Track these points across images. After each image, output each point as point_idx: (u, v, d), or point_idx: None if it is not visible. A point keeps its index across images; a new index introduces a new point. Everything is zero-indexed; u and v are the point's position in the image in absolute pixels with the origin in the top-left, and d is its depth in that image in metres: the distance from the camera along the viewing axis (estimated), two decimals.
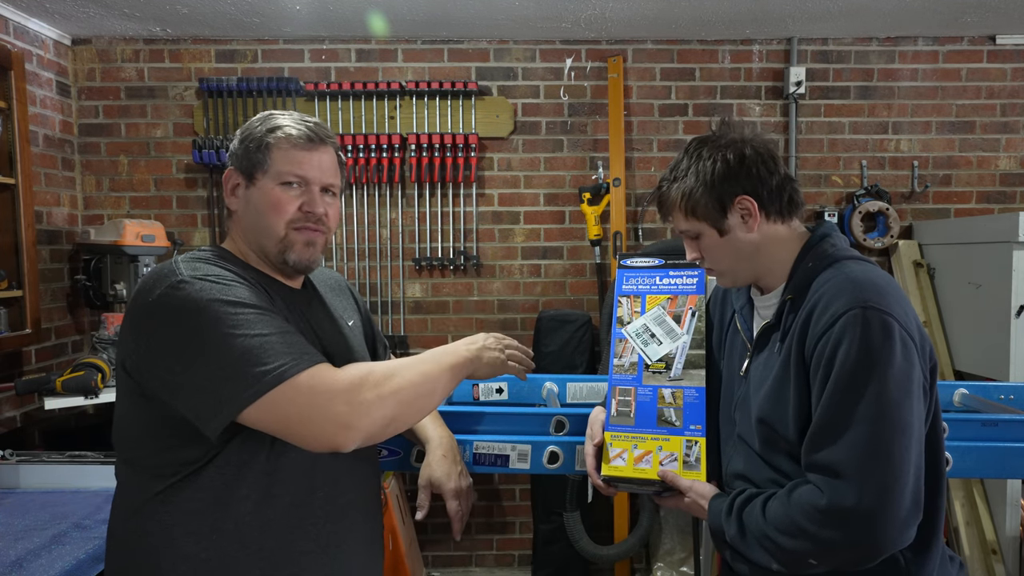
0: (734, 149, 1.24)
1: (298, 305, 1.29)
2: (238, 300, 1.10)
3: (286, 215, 1.23)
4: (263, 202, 1.23)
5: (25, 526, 1.93)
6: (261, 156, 1.23)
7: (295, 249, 1.25)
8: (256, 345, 1.06)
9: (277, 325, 1.11)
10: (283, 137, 1.23)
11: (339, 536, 1.25)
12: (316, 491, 1.21)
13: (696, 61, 3.39)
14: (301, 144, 1.23)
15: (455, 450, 1.47)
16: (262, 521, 1.16)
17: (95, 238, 2.93)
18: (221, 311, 1.07)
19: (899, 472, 1.06)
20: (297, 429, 1.07)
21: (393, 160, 3.31)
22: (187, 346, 1.07)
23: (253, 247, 1.27)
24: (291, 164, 1.23)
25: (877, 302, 1.10)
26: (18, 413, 2.87)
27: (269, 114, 1.29)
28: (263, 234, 1.24)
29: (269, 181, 1.23)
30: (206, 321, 1.07)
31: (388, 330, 3.40)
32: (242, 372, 1.05)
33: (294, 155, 1.23)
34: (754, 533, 1.17)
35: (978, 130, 3.42)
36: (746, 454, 1.29)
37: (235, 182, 1.27)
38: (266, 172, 1.23)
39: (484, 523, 3.50)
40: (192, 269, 1.13)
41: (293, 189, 1.23)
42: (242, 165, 1.25)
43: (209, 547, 1.14)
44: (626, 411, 1.39)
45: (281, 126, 1.24)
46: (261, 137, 1.23)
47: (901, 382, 1.08)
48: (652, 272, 1.52)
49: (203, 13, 2.98)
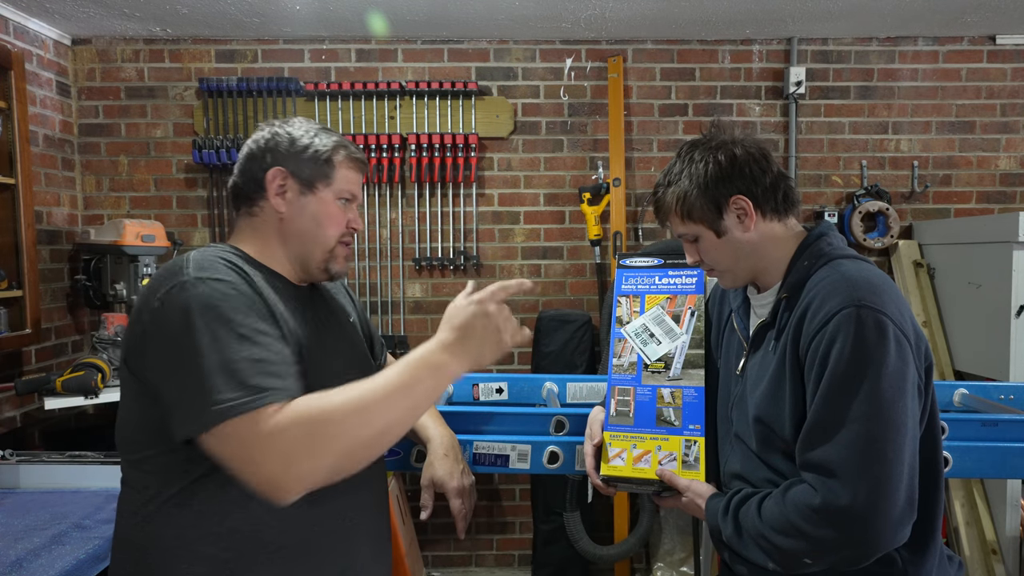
0: (725, 150, 1.24)
1: (301, 302, 1.30)
2: (226, 314, 1.08)
3: (339, 228, 1.30)
4: (323, 213, 1.28)
5: (25, 526, 1.93)
6: (328, 170, 1.29)
7: (338, 261, 1.32)
8: (222, 368, 1.03)
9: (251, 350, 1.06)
10: (347, 158, 1.32)
11: (354, 532, 1.26)
12: (332, 488, 1.21)
13: (696, 61, 3.39)
14: (357, 166, 1.34)
15: (456, 449, 1.47)
16: (280, 519, 1.16)
17: (95, 238, 2.93)
18: (205, 324, 1.06)
19: (892, 471, 1.06)
20: (233, 472, 1.03)
21: (393, 160, 3.31)
22: (171, 352, 1.07)
23: (292, 251, 1.29)
24: (349, 183, 1.32)
25: (871, 301, 1.10)
26: (18, 413, 2.87)
27: (321, 127, 1.34)
28: (314, 242, 1.29)
29: (330, 194, 1.29)
30: (194, 330, 1.06)
31: (388, 330, 3.40)
32: (201, 397, 1.02)
33: (352, 175, 1.33)
34: (750, 533, 1.17)
35: (978, 130, 3.42)
36: (743, 453, 1.29)
37: (287, 186, 1.28)
38: (329, 185, 1.29)
39: (484, 523, 3.50)
40: (199, 269, 1.12)
41: (345, 206, 1.32)
42: (303, 172, 1.28)
43: (228, 547, 1.14)
44: (625, 411, 1.39)
45: (346, 145, 1.33)
46: (328, 151, 1.30)
47: (895, 381, 1.08)
48: (651, 272, 1.52)
49: (203, 13, 2.98)
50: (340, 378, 1.26)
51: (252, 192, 1.29)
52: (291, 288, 1.29)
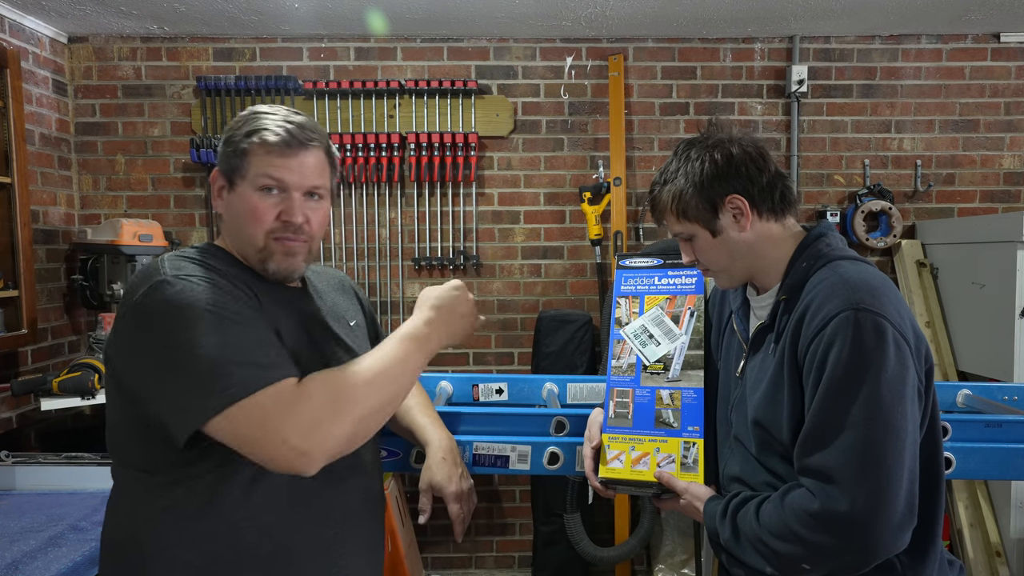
0: (721, 149, 1.23)
1: (289, 304, 1.26)
2: (212, 306, 1.06)
3: (264, 224, 1.18)
4: (242, 209, 1.19)
5: (21, 528, 1.92)
6: (239, 161, 1.18)
7: (274, 259, 1.20)
8: (223, 356, 1.03)
9: (247, 334, 1.07)
10: (258, 143, 1.17)
11: (340, 539, 1.23)
12: (316, 494, 1.19)
13: (697, 59, 3.37)
14: (278, 149, 1.17)
15: (455, 452, 1.45)
16: (258, 525, 1.14)
17: (92, 238, 2.92)
18: (193, 317, 1.05)
19: (892, 477, 1.04)
20: (253, 450, 1.03)
21: (392, 159, 3.30)
22: (158, 351, 1.05)
23: (239, 251, 1.25)
24: (268, 168, 1.17)
25: (870, 304, 1.08)
26: (14, 414, 2.85)
27: (252, 113, 1.22)
28: (244, 241, 1.21)
29: (247, 187, 1.18)
30: (178, 327, 1.04)
31: (388, 330, 3.37)
32: (205, 384, 1.02)
33: (272, 160, 1.17)
34: (748, 536, 1.16)
35: (982, 129, 3.40)
36: (742, 456, 1.28)
37: (220, 184, 1.23)
38: (244, 177, 1.18)
39: (484, 524, 3.48)
40: (176, 268, 1.11)
41: (271, 196, 1.18)
42: (224, 168, 1.22)
43: (203, 552, 1.12)
44: (624, 412, 1.38)
45: (259, 129, 1.18)
46: (239, 140, 1.18)
47: (894, 385, 1.06)
48: (651, 272, 1.51)
49: (201, 11, 2.97)
50: None
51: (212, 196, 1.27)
52: (274, 289, 1.24)
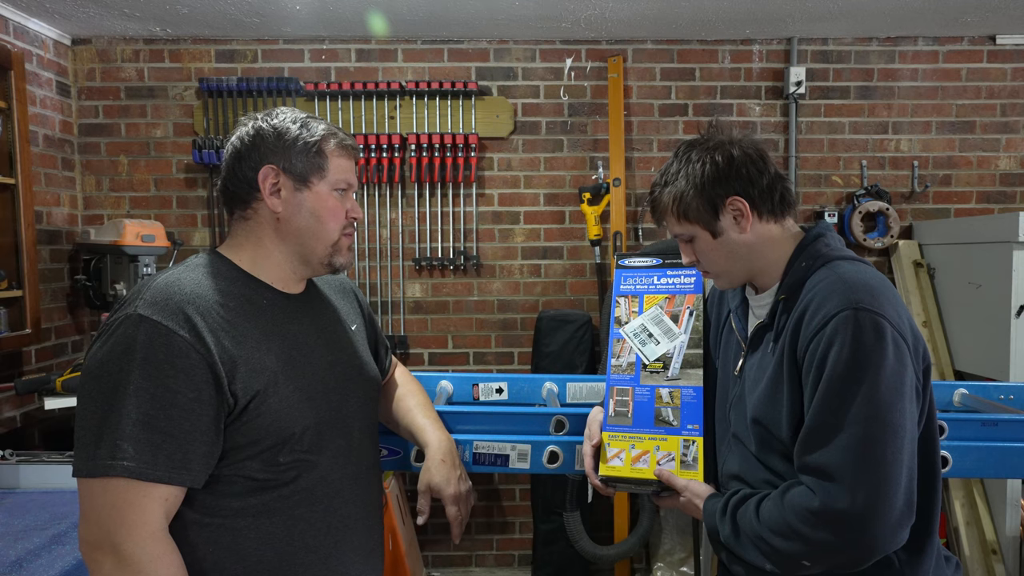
0: (722, 151, 1.24)
1: (297, 311, 1.27)
2: (151, 371, 1.06)
3: (341, 221, 1.26)
4: (322, 208, 1.24)
5: (25, 526, 1.93)
6: (321, 161, 1.24)
7: (343, 253, 1.29)
8: (119, 424, 1.05)
9: (160, 414, 1.07)
10: (339, 145, 1.26)
11: (339, 547, 1.24)
12: (317, 503, 1.20)
13: (696, 61, 3.39)
14: (349, 153, 1.28)
15: (454, 454, 1.45)
16: (260, 534, 1.15)
17: (95, 238, 2.93)
18: (126, 372, 1.06)
19: (891, 474, 1.05)
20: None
21: (393, 160, 3.31)
22: (88, 387, 1.09)
23: (292, 249, 1.25)
24: (344, 172, 1.27)
25: (869, 303, 1.10)
26: (18, 413, 2.87)
27: (307, 117, 1.27)
28: (315, 238, 1.24)
29: (326, 187, 1.24)
30: (111, 373, 1.07)
31: (388, 330, 3.40)
32: (92, 443, 1.07)
33: (346, 163, 1.27)
34: (748, 534, 1.17)
35: (978, 130, 3.42)
36: (742, 454, 1.29)
37: (280, 183, 1.22)
38: (324, 178, 1.24)
39: (484, 523, 3.50)
40: (150, 305, 1.10)
41: (342, 196, 1.27)
42: (295, 167, 1.22)
43: (205, 560, 1.13)
44: (624, 411, 1.39)
45: (335, 133, 1.27)
46: (319, 141, 1.24)
47: (893, 384, 1.07)
48: (650, 272, 1.52)
49: (203, 13, 2.98)
50: (327, 387, 1.25)
51: (244, 193, 1.23)
52: (280, 299, 1.25)
